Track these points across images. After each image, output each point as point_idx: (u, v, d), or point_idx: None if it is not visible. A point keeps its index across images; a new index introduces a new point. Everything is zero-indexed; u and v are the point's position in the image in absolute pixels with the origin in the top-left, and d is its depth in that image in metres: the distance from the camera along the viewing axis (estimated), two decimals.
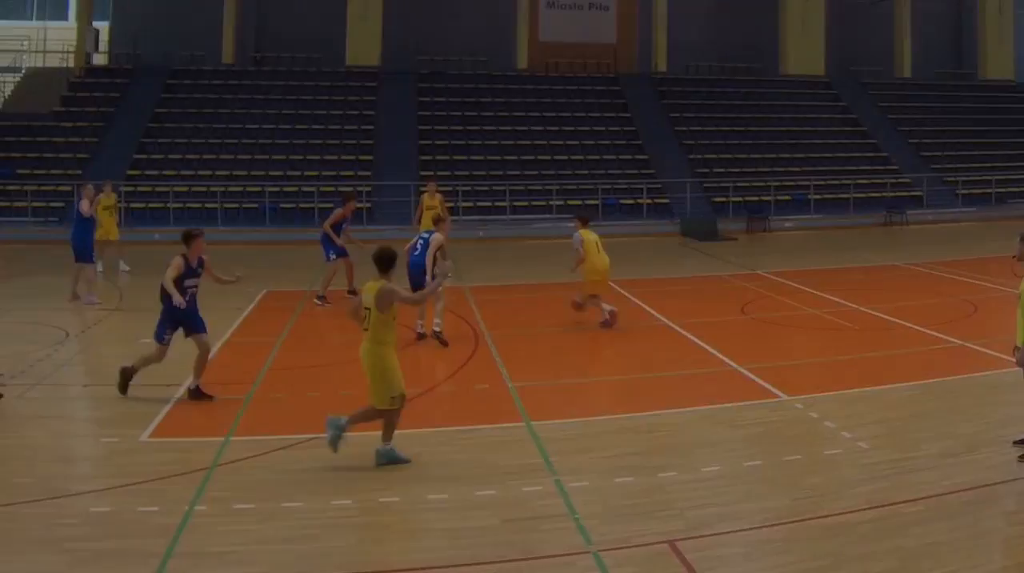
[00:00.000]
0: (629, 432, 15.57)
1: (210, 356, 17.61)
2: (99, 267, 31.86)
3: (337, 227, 27.20)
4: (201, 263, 17.51)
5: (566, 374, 19.81)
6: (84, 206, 27.80)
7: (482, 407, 17.31)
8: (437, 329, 22.09)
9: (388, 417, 14.06)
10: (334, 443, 13.89)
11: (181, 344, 17.62)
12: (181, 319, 17.24)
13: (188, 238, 17.40)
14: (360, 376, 14.14)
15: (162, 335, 17.34)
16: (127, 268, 32.78)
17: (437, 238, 21.82)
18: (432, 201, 31.66)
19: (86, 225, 27.85)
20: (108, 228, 32.50)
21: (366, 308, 13.95)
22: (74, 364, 20.67)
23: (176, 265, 17.07)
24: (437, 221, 22.75)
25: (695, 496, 12.73)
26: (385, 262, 14.16)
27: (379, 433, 14.00)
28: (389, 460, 13.97)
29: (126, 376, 17.44)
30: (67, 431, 16.19)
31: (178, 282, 17.02)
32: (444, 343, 21.84)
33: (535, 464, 13.92)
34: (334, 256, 27.08)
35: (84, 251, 27.34)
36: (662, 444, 15.11)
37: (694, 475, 13.63)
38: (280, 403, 17.21)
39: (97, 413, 17.28)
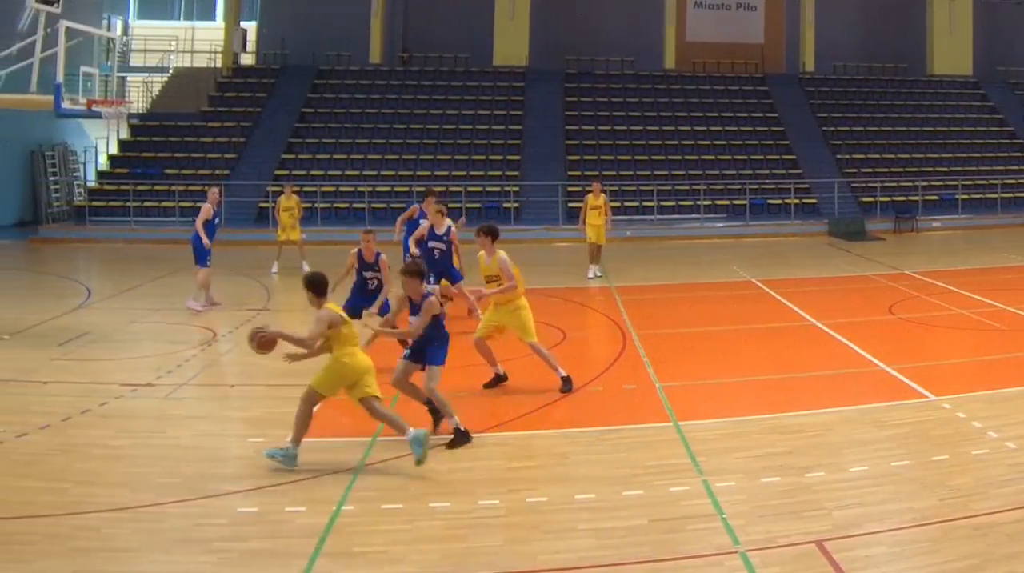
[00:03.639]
0: (776, 432, 15.54)
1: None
2: (274, 269, 32.54)
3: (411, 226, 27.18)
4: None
5: (713, 374, 19.76)
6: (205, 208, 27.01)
7: (630, 407, 17.30)
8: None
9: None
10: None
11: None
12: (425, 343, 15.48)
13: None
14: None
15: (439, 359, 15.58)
16: (276, 270, 32.83)
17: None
18: (596, 200, 31.96)
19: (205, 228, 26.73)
20: (288, 230, 33.08)
21: None
22: (221, 364, 20.98)
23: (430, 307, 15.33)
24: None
25: (842, 496, 12.69)
26: None
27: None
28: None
29: (461, 442, 15.22)
30: (214, 431, 16.28)
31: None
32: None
33: (682, 464, 13.94)
34: None
35: (197, 253, 26.59)
36: (809, 444, 15.03)
37: (841, 475, 13.58)
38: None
39: (244, 413, 17.52)
